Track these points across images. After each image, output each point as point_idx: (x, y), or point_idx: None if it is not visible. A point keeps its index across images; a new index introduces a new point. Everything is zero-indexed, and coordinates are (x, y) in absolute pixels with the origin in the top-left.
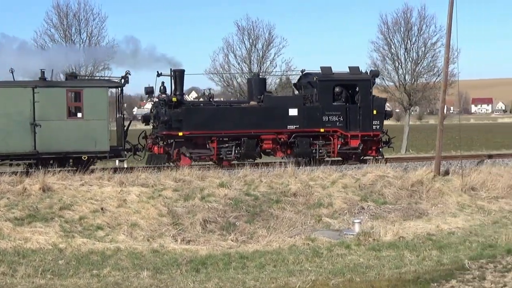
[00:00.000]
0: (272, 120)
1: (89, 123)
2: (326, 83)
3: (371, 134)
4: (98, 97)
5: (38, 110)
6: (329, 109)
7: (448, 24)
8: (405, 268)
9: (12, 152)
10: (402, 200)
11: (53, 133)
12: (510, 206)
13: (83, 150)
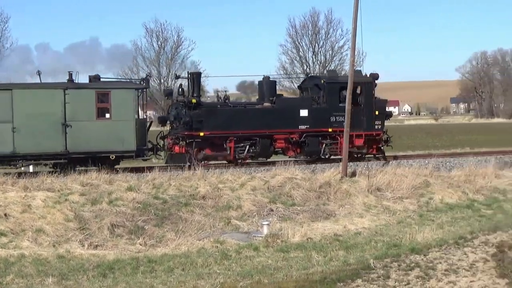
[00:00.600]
0: (284, 120)
1: (116, 124)
2: (333, 85)
3: (373, 133)
4: (125, 98)
5: (68, 111)
6: (336, 110)
7: (353, 28)
8: (312, 268)
9: (45, 152)
10: (310, 202)
11: (83, 133)
12: (414, 206)
13: (111, 149)
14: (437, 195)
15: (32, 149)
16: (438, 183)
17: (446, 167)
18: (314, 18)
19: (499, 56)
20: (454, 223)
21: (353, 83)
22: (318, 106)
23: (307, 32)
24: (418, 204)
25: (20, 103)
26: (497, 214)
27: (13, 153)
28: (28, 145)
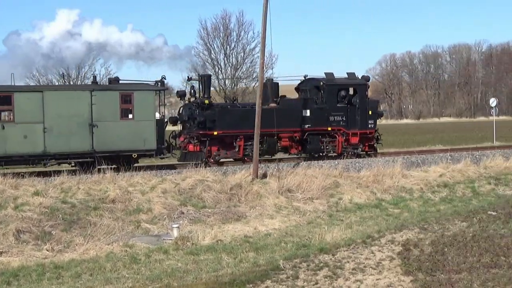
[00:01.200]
0: (288, 120)
1: (139, 124)
2: (332, 87)
3: (367, 132)
4: (146, 99)
5: (95, 112)
6: (334, 110)
7: (263, 30)
8: (222, 270)
9: (73, 151)
10: (221, 204)
11: (108, 133)
12: (324, 206)
13: (133, 148)
14: (347, 195)
15: (61, 148)
16: (347, 184)
17: (355, 167)
18: (225, 20)
19: (407, 58)
20: (363, 222)
21: (349, 85)
22: (318, 106)
23: (219, 34)
24: (328, 205)
25: (50, 104)
26: (403, 213)
27: (44, 153)
28: (58, 145)
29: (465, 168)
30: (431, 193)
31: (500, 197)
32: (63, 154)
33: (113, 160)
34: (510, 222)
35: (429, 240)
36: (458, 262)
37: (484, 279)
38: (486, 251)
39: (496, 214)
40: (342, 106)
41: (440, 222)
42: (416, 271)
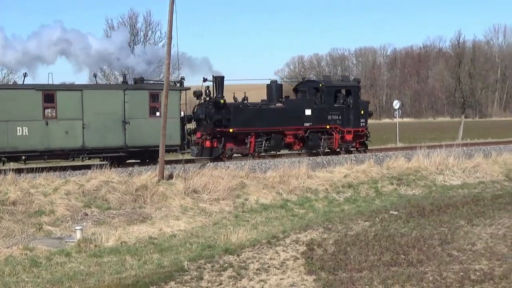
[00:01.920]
0: (293, 118)
1: (153, 122)
2: (330, 88)
3: (359, 130)
4: (172, 98)
5: (127, 109)
6: (332, 109)
7: (169, 31)
8: (126, 272)
9: (108, 146)
10: (126, 205)
11: (138, 130)
12: (230, 207)
13: (149, 144)
14: (253, 196)
15: (98, 143)
16: (253, 184)
17: (261, 168)
18: (132, 19)
19: (315, 60)
20: (268, 223)
21: (345, 86)
22: (318, 106)
23: None
24: (234, 205)
25: (88, 102)
26: (308, 213)
27: (82, 147)
28: (95, 140)
29: (368, 169)
30: (336, 193)
31: (402, 197)
32: (99, 149)
33: (141, 155)
34: (410, 222)
35: (333, 239)
36: (359, 260)
37: (384, 277)
38: (387, 250)
39: (397, 213)
40: (338, 106)
41: (343, 222)
42: (319, 270)
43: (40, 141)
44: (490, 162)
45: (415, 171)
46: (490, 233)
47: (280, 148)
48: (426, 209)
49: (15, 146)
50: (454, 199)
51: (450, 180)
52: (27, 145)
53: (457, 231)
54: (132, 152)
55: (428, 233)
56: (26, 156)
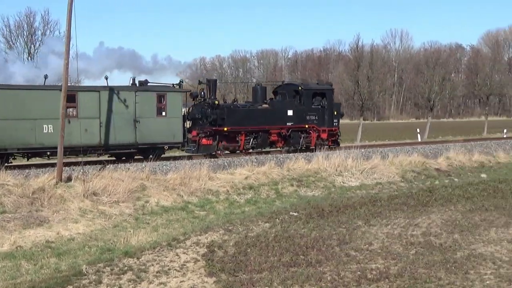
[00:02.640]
0: (277, 118)
1: (170, 120)
2: (308, 91)
3: (333, 129)
4: (176, 99)
5: (138, 109)
6: (310, 110)
7: (67, 30)
8: (21, 278)
9: (122, 143)
10: (22, 208)
11: (147, 128)
12: (130, 210)
13: (165, 141)
14: (153, 198)
15: (113, 140)
16: (154, 186)
17: (162, 170)
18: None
19: (217, 62)
20: (169, 225)
21: (321, 89)
22: (298, 107)
23: (22, 33)
24: (134, 208)
25: (105, 102)
26: (209, 215)
27: (99, 144)
28: (111, 137)
29: (269, 171)
30: (237, 195)
31: (302, 198)
32: (113, 145)
33: (149, 151)
34: (310, 222)
35: (233, 241)
36: (259, 262)
37: (284, 278)
38: (287, 251)
39: (297, 214)
40: (315, 107)
41: (244, 223)
42: (220, 272)
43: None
44: (387, 163)
45: (315, 172)
46: (386, 232)
47: (266, 145)
48: (325, 210)
49: (42, 142)
50: (353, 200)
51: (349, 181)
52: (52, 142)
53: (354, 231)
54: (141, 148)
55: (327, 234)
56: (50, 152)
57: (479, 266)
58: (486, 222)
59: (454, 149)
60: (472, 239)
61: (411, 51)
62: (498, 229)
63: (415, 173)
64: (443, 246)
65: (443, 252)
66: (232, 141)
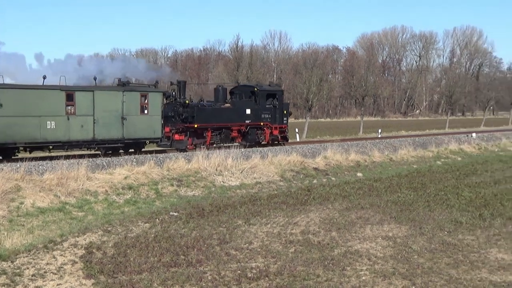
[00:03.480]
0: (237, 116)
1: (151, 118)
2: (263, 92)
3: (283, 126)
4: (156, 99)
5: (125, 108)
6: (264, 109)
7: None
8: None
9: (111, 138)
10: None
11: (132, 125)
12: (4, 212)
13: (147, 137)
14: (29, 199)
15: (104, 136)
16: (30, 187)
17: (38, 170)
18: None
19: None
20: (45, 227)
21: (274, 91)
22: (254, 106)
23: None
24: (8, 210)
25: (98, 101)
26: (88, 216)
27: (93, 139)
28: (102, 133)
29: (149, 170)
30: (116, 195)
31: (182, 198)
32: (104, 140)
33: (133, 145)
34: (190, 222)
35: (113, 242)
36: (139, 262)
37: (164, 278)
38: (167, 251)
39: (177, 214)
40: (268, 106)
41: (124, 224)
42: (98, 274)
43: (63, 134)
44: (266, 163)
45: (195, 172)
46: (266, 231)
47: (228, 141)
48: (205, 210)
49: (45, 137)
50: (233, 200)
51: (229, 181)
52: (54, 137)
53: (235, 230)
54: (127, 143)
55: (207, 233)
56: (52, 146)
57: (355, 262)
58: (362, 219)
59: (332, 148)
60: (348, 236)
61: (290, 52)
62: (373, 226)
63: (294, 173)
64: (321, 244)
65: (321, 250)
66: (200, 136)
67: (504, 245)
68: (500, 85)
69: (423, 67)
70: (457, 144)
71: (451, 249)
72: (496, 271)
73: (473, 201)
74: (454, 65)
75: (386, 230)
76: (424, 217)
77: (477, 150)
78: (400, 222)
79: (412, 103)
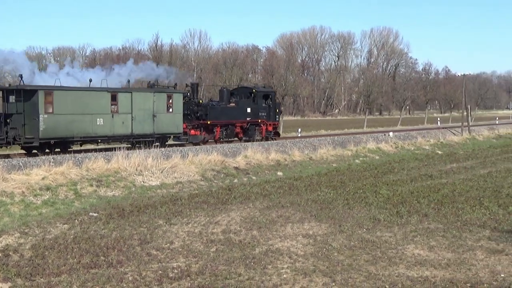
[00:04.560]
0: (240, 114)
1: (175, 115)
2: (260, 93)
3: (276, 123)
4: (178, 99)
5: (155, 107)
6: (261, 108)
7: None
8: None
9: (145, 133)
10: None
11: (161, 121)
12: None
13: (171, 132)
14: None
15: (140, 131)
16: None
17: None
18: None
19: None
20: None
21: (269, 92)
22: (253, 106)
23: None
24: None
25: (135, 101)
26: (4, 217)
27: (131, 134)
28: (138, 128)
29: (67, 171)
30: (33, 196)
31: (102, 199)
32: (140, 135)
33: (160, 139)
34: (110, 223)
35: (30, 244)
36: (58, 264)
37: (84, 280)
38: (87, 252)
39: (97, 215)
40: (264, 106)
41: (41, 226)
42: (15, 277)
43: (109, 129)
44: (187, 162)
45: (115, 172)
46: (187, 231)
47: (232, 136)
48: (126, 210)
49: (96, 132)
50: (153, 200)
51: (149, 180)
52: (102, 132)
53: (156, 230)
54: (157, 137)
55: (128, 234)
56: (100, 140)
57: (276, 261)
58: (283, 218)
59: (252, 148)
60: (269, 235)
61: (209, 51)
62: (294, 224)
63: (214, 172)
64: (242, 243)
65: (242, 249)
66: (210, 132)
67: (421, 241)
68: (415, 85)
69: (342, 67)
70: (375, 143)
71: (370, 246)
72: (413, 266)
73: (390, 199)
74: (371, 65)
75: (306, 228)
76: (343, 215)
77: (394, 149)
78: (320, 220)
79: (331, 102)
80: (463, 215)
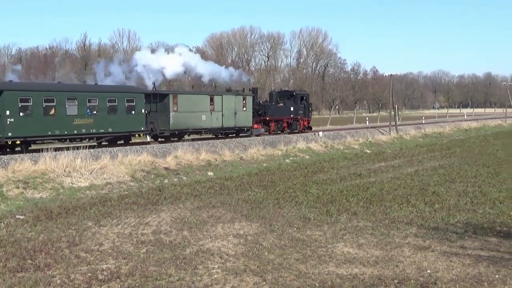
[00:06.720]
0: (287, 112)
1: (247, 113)
2: (298, 95)
3: (309, 119)
4: (250, 100)
5: (235, 106)
6: (299, 107)
7: None
8: None
9: (229, 126)
10: None
11: (239, 117)
12: None
13: (245, 126)
14: None
15: (227, 125)
16: None
17: None
18: None
19: None
20: None
21: (304, 94)
22: (294, 105)
23: None
24: None
25: (224, 102)
26: None
27: (221, 127)
28: (226, 123)
29: None
30: None
31: (29, 201)
32: (226, 128)
33: (237, 132)
34: (38, 225)
35: None
36: None
37: (10, 284)
38: (13, 256)
39: (24, 217)
40: (301, 105)
41: None
42: None
43: (209, 123)
44: (116, 163)
45: (42, 173)
46: (117, 232)
47: (281, 129)
48: (53, 212)
49: (201, 126)
50: (82, 201)
51: (78, 182)
52: (205, 125)
53: (85, 232)
54: (237, 130)
55: (56, 236)
56: (203, 131)
57: (207, 261)
58: (214, 218)
59: (182, 148)
60: (200, 235)
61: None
62: (225, 224)
63: (144, 173)
64: (173, 244)
65: (173, 249)
66: (267, 126)
67: (350, 239)
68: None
69: (272, 67)
70: (305, 143)
71: (300, 245)
72: (343, 264)
73: (320, 198)
74: (301, 65)
75: (237, 228)
76: (274, 214)
77: (324, 148)
78: (251, 219)
79: None
80: (391, 213)
